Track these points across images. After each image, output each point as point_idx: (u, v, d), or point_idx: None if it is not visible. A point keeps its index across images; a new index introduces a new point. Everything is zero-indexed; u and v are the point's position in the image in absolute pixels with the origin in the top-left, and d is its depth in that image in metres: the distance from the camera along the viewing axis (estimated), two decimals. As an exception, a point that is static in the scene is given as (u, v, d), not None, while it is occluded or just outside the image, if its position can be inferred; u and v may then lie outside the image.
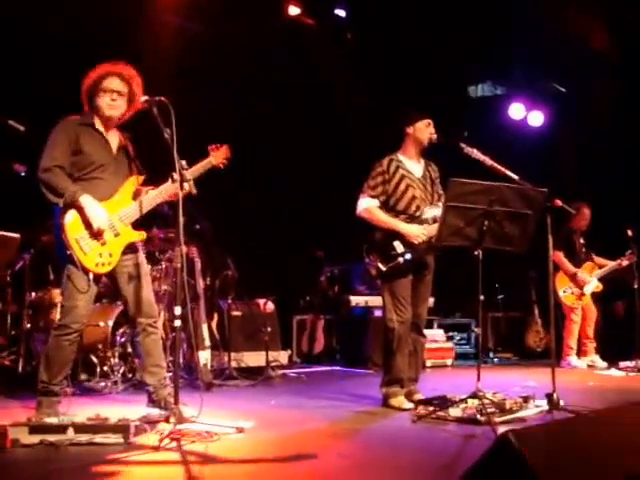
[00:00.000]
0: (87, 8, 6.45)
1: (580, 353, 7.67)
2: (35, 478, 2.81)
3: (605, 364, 7.43)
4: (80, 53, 6.21)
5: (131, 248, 4.08)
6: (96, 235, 3.86)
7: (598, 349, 7.69)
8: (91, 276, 3.87)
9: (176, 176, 3.83)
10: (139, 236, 4.11)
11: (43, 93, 6.31)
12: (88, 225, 3.84)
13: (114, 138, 4.13)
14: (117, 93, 4.01)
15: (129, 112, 4.13)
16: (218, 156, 4.28)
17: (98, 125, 4.06)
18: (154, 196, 4.08)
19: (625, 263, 7.49)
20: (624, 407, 2.34)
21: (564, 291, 7.57)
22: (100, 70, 4.01)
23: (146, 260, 5.63)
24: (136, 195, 4.10)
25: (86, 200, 3.83)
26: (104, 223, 3.87)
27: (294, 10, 8.05)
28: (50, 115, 4.10)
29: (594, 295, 7.68)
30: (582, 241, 7.74)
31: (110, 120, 4.06)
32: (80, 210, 3.83)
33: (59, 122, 4.00)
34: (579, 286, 7.54)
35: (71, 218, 3.83)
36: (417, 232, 4.58)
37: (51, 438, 3.31)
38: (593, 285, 7.58)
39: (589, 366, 7.51)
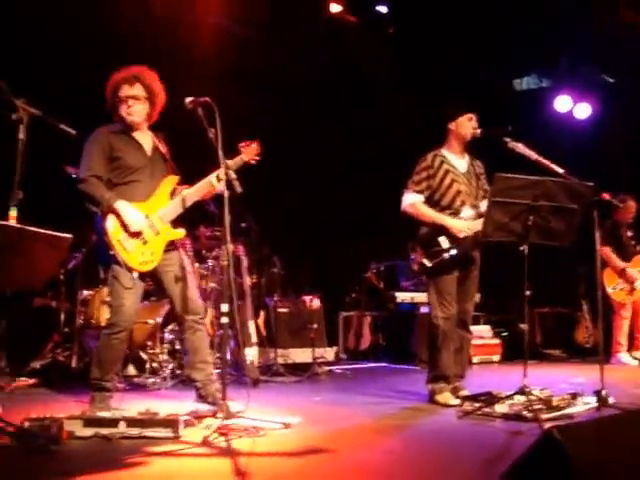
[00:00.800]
0: (128, 9, 6.56)
1: (632, 347, 7.51)
2: (89, 468, 2.89)
3: None
4: (127, 57, 6.33)
5: (172, 246, 4.17)
6: (135, 236, 3.96)
7: None
8: (135, 275, 3.97)
9: (222, 175, 3.89)
10: (178, 234, 4.19)
11: (92, 97, 6.46)
12: (126, 227, 3.95)
13: (147, 140, 4.21)
14: (132, 99, 4.08)
15: (155, 110, 4.20)
16: (249, 152, 4.32)
17: (129, 130, 4.15)
18: (191, 194, 4.14)
19: None
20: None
21: (613, 288, 7.42)
22: (113, 80, 4.11)
23: (193, 258, 5.77)
24: (173, 194, 4.19)
25: (121, 205, 3.94)
26: (140, 225, 3.97)
27: (335, 7, 8.06)
28: (103, 119, 4.20)
29: None
30: (630, 234, 7.58)
31: (134, 125, 4.14)
32: (117, 214, 3.94)
33: (91, 134, 4.10)
34: (629, 282, 7.38)
35: (111, 221, 3.94)
36: (463, 226, 4.57)
37: (104, 431, 3.41)
38: None
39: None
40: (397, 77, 8.76)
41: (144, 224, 4.00)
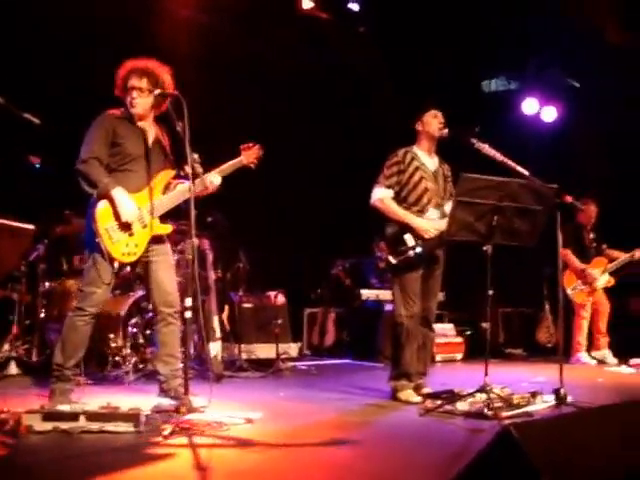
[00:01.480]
0: (105, 3, 6.49)
1: (592, 347, 7.64)
2: (48, 463, 2.86)
3: (616, 360, 7.40)
4: (98, 47, 6.28)
5: (158, 239, 4.16)
6: (125, 227, 3.95)
7: (611, 344, 7.66)
8: (116, 265, 3.97)
9: (188, 169, 3.88)
10: (165, 229, 4.19)
11: (58, 85, 6.37)
12: (117, 216, 3.94)
13: (151, 131, 4.21)
14: (137, 90, 4.08)
15: (165, 101, 4.15)
16: (249, 155, 4.35)
17: (135, 118, 4.14)
18: (183, 191, 4.12)
19: (639, 255, 7.44)
20: (627, 402, 2.35)
21: (573, 288, 7.53)
22: (123, 69, 4.11)
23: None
24: (167, 189, 4.17)
25: (117, 192, 3.92)
26: (132, 216, 3.96)
27: (307, 4, 8.05)
28: (66, 108, 4.16)
29: (607, 289, 7.63)
30: (592, 236, 7.70)
31: (136, 116, 4.13)
32: (111, 201, 3.92)
33: (98, 116, 4.10)
34: (588, 282, 7.50)
35: (102, 208, 3.93)
36: (428, 227, 4.60)
37: (64, 425, 3.37)
38: (604, 280, 7.55)
39: (600, 361, 7.49)
40: (369, 74, 8.79)
41: (136, 216, 3.98)
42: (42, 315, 5.84)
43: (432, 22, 8.11)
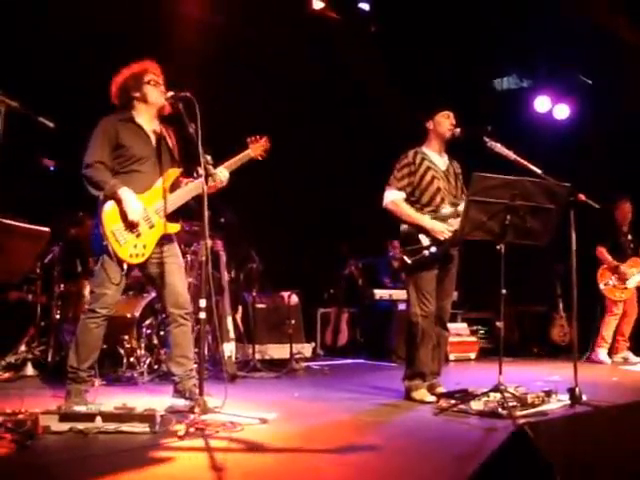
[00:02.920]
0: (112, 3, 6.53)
1: (612, 350, 7.59)
2: (64, 464, 2.88)
3: (638, 360, 7.34)
4: (108, 49, 6.31)
5: (166, 240, 4.16)
6: (131, 227, 3.96)
7: (631, 347, 7.61)
8: (125, 267, 3.98)
9: (201, 171, 3.89)
10: (173, 228, 4.18)
11: (74, 90, 6.42)
12: (124, 217, 3.94)
13: (155, 130, 4.22)
14: (161, 85, 4.15)
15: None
16: (257, 148, 4.34)
17: (138, 119, 4.16)
18: (190, 189, 4.14)
19: None
20: (642, 401, 2.35)
21: (605, 284, 7.46)
22: (138, 67, 4.15)
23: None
24: (174, 187, 4.18)
25: (124, 193, 3.93)
26: (139, 215, 3.96)
27: (318, 4, 8.06)
28: (80, 111, 4.19)
29: (638, 291, 7.56)
30: (630, 237, 7.65)
31: (163, 108, 4.15)
32: (118, 202, 3.94)
33: (99, 121, 4.11)
34: (621, 279, 7.44)
35: (109, 210, 3.94)
36: (442, 228, 4.59)
37: (80, 426, 3.39)
38: (637, 279, 7.48)
39: (623, 359, 7.44)
40: (381, 75, 8.78)
41: (142, 215, 3.99)
42: (57, 317, 5.88)
43: (444, 21, 8.09)
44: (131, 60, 4.21)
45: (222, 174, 4.17)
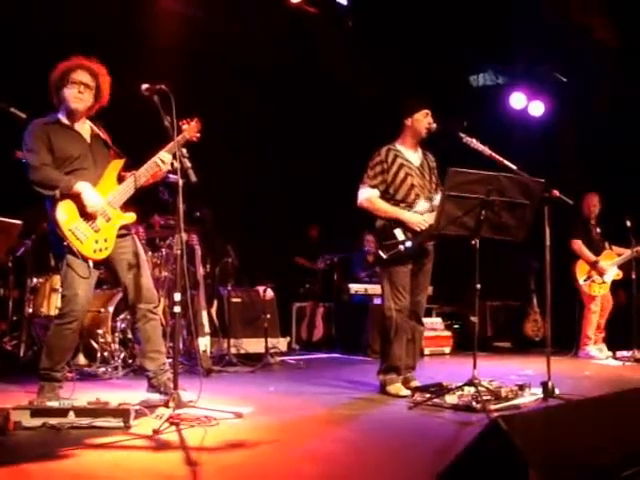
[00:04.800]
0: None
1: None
2: (37, 459, 2.85)
3: (610, 354, 7.43)
4: (84, 41, 6.22)
5: (126, 232, 4.12)
6: (88, 220, 3.90)
7: (605, 339, 7.70)
8: (91, 264, 3.93)
9: (176, 164, 3.86)
10: (129, 218, 4.13)
11: (45, 81, 6.33)
12: (82, 212, 3.88)
13: (84, 129, 4.13)
14: (84, 86, 4.01)
15: (95, 107, 4.14)
16: (191, 130, 4.29)
17: (64, 120, 4.06)
18: (139, 175, 4.08)
19: None
20: (613, 394, 2.38)
21: (585, 280, 7.52)
22: (70, 63, 4.03)
23: (147, 247, 5.71)
24: (120, 179, 4.13)
25: (81, 185, 3.88)
26: (99, 205, 3.92)
27: (295, -3, 8.01)
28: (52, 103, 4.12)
29: (613, 283, 7.63)
30: (598, 230, 7.73)
31: (75, 112, 4.05)
32: (75, 198, 3.87)
33: (27, 129, 3.99)
34: (600, 274, 7.51)
35: (62, 210, 3.86)
36: (419, 219, 4.61)
37: (52, 421, 3.35)
38: (613, 273, 7.55)
39: (598, 350, 7.50)
40: (356, 67, 8.78)
41: (102, 206, 3.94)
42: (30, 311, 5.81)
43: (420, 17, 8.11)
44: (104, 52, 4.15)
45: (165, 157, 4.07)
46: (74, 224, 3.88)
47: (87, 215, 3.89)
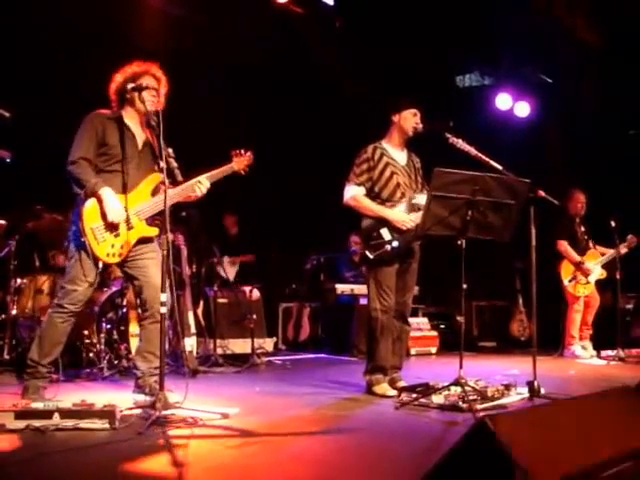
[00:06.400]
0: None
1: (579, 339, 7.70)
2: (21, 463, 2.82)
3: (594, 352, 7.47)
4: (68, 40, 6.19)
5: (145, 240, 4.15)
6: (110, 227, 3.94)
7: (592, 336, 7.73)
8: (100, 265, 3.96)
9: (162, 164, 3.85)
10: (152, 232, 4.16)
11: (28, 79, 6.28)
12: (104, 216, 3.92)
13: (141, 134, 4.18)
14: (155, 91, 4.10)
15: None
16: (241, 162, 4.36)
17: (127, 120, 4.12)
18: (172, 195, 4.07)
19: (625, 250, 7.52)
20: (599, 393, 2.39)
21: (570, 280, 7.55)
22: (138, 68, 4.10)
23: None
24: (155, 192, 4.15)
25: (105, 192, 3.91)
26: (119, 216, 3.95)
27: (282, -3, 8.00)
28: (37, 102, 4.10)
29: (598, 282, 7.67)
30: (583, 229, 7.76)
31: (147, 115, 4.08)
32: (99, 201, 3.91)
33: (87, 115, 4.07)
34: (585, 275, 7.54)
35: (89, 207, 3.91)
36: (404, 218, 4.62)
37: (37, 423, 3.32)
38: (598, 273, 7.59)
39: (582, 348, 7.54)
40: (343, 67, 8.79)
41: (123, 217, 3.97)
42: (14, 312, 5.76)
43: (407, 17, 8.13)
44: (91, 53, 4.14)
45: (204, 184, 4.16)
46: (97, 224, 3.92)
47: (108, 221, 3.92)
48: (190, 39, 7.50)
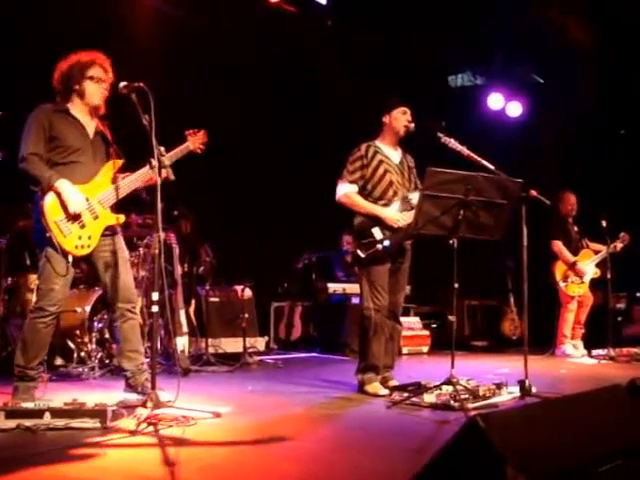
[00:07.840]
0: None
1: (571, 337, 7.71)
2: (12, 462, 2.81)
3: (585, 352, 7.50)
4: (57, 37, 6.16)
5: (111, 232, 4.10)
6: (73, 218, 3.88)
7: (583, 335, 7.75)
8: (70, 259, 3.90)
9: (154, 162, 3.84)
10: (118, 219, 4.12)
11: (19, 78, 6.26)
12: (66, 209, 3.86)
13: (90, 123, 4.13)
14: (105, 83, 4.05)
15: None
16: (195, 141, 4.31)
17: (73, 111, 4.07)
18: (131, 180, 4.10)
19: (620, 246, 7.54)
20: (590, 392, 2.40)
21: (564, 281, 7.55)
22: (85, 58, 4.03)
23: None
24: (114, 179, 4.11)
25: (62, 184, 3.85)
26: (80, 206, 3.89)
27: (274, -4, 7.99)
28: (26, 100, 4.08)
29: (592, 281, 7.68)
30: (576, 228, 7.79)
31: (97, 108, 4.07)
32: (57, 194, 3.85)
33: (32, 111, 4.00)
34: (579, 275, 7.57)
35: (50, 201, 3.85)
36: (396, 216, 4.62)
37: (28, 423, 3.31)
38: (591, 272, 7.61)
39: (573, 346, 7.57)
40: (336, 67, 8.79)
41: (84, 206, 3.91)
42: (4, 311, 5.73)
43: (399, 17, 8.14)
44: (78, 48, 4.11)
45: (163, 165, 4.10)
46: (60, 217, 3.86)
47: (70, 212, 3.86)
48: (180, 38, 7.47)
